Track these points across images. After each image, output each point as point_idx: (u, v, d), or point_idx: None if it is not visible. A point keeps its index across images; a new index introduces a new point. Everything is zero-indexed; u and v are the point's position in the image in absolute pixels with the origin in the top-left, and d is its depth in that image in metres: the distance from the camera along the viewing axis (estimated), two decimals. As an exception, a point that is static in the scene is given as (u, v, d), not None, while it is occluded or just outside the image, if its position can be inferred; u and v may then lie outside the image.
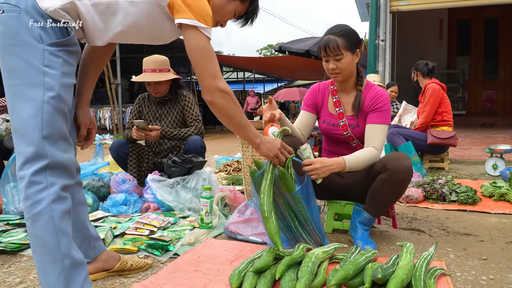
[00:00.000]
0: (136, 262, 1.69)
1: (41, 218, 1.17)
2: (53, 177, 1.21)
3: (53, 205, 1.19)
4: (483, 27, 10.82)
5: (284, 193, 1.80)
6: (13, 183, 2.60)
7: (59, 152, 1.23)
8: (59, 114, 1.24)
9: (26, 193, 1.19)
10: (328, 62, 2.05)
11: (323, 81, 2.29)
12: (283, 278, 1.48)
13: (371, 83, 2.17)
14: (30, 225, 1.19)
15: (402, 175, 1.91)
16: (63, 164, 1.24)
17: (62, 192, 1.22)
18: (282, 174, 1.73)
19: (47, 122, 1.21)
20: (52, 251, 1.18)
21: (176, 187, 2.65)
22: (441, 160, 4.32)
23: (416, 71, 4.36)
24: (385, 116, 2.08)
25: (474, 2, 7.57)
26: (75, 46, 1.30)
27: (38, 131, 1.19)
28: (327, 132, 2.21)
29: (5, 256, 1.90)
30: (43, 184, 1.19)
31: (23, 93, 1.20)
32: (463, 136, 7.25)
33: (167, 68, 3.02)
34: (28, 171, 1.19)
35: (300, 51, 9.04)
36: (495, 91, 11.00)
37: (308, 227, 1.85)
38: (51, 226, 1.18)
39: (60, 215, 1.20)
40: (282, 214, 1.85)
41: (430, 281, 1.49)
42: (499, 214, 2.66)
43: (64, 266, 1.18)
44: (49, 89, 1.21)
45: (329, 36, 2.02)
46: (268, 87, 26.10)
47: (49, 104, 1.21)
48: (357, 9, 10.88)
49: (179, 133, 2.99)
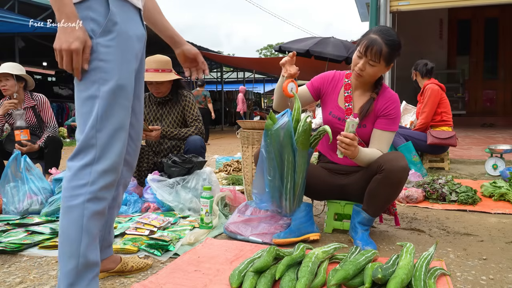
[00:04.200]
0: (137, 263, 1.69)
1: (73, 212, 1.21)
2: (97, 175, 1.23)
3: (87, 203, 1.22)
4: (483, 27, 10.81)
5: (294, 151, 1.87)
6: (13, 183, 2.60)
7: (111, 148, 1.26)
8: (116, 106, 1.26)
9: (67, 184, 1.23)
10: (360, 59, 1.99)
11: (339, 71, 2.23)
12: (283, 278, 1.48)
13: (386, 86, 2.15)
14: (62, 215, 1.24)
15: (398, 175, 1.91)
16: (111, 160, 1.26)
17: (100, 193, 1.24)
18: (307, 130, 1.83)
19: (101, 116, 1.23)
20: (72, 246, 1.21)
21: (176, 187, 2.65)
22: (441, 160, 4.32)
23: (415, 71, 4.37)
24: (395, 123, 2.09)
25: (474, 2, 7.57)
26: (118, 24, 1.27)
27: (92, 125, 1.23)
28: (331, 125, 2.15)
29: (5, 256, 1.90)
30: (85, 181, 1.22)
31: (81, 90, 1.25)
32: (463, 136, 7.24)
33: (169, 69, 3.03)
34: (76, 164, 1.23)
35: (300, 51, 9.02)
36: (495, 91, 10.98)
37: (297, 192, 1.96)
38: (79, 223, 1.21)
39: (90, 215, 1.23)
40: (284, 172, 1.91)
41: (430, 281, 1.49)
42: (499, 214, 2.66)
43: (78, 264, 1.21)
44: (103, 83, 1.23)
45: (377, 38, 1.94)
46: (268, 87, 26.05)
47: (104, 98, 1.23)
48: (357, 9, 10.88)
49: (179, 133, 2.99)
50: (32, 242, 2.00)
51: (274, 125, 1.81)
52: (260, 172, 1.96)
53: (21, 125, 3.17)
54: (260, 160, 1.94)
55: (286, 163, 1.89)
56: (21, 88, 3.34)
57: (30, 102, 3.40)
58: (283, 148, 1.86)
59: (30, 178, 2.63)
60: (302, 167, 1.93)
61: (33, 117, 3.41)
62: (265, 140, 1.88)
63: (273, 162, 1.89)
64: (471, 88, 10.94)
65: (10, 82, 3.24)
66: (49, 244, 1.99)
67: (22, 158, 2.66)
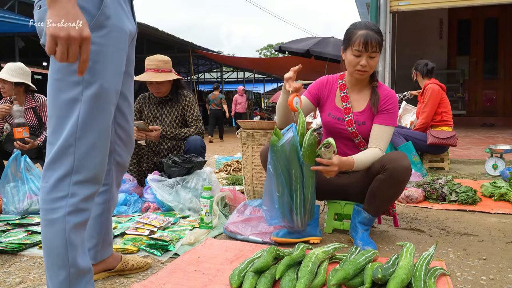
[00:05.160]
0: (137, 262, 1.69)
1: (54, 226, 1.15)
2: (76, 186, 1.15)
3: (68, 217, 1.15)
4: (483, 27, 10.80)
5: (301, 165, 1.85)
6: (13, 183, 2.60)
7: (91, 158, 1.16)
8: (100, 112, 1.15)
9: (46, 197, 1.15)
10: (360, 57, 2.01)
11: (331, 75, 2.27)
12: (283, 278, 1.48)
13: (379, 82, 2.18)
14: (43, 226, 1.17)
15: (402, 175, 1.92)
16: (91, 170, 1.17)
17: (82, 204, 1.17)
18: (313, 143, 1.81)
19: (82, 123, 1.13)
20: (60, 257, 1.16)
21: (176, 187, 2.65)
22: (441, 160, 4.32)
23: (416, 71, 4.38)
24: (394, 118, 2.10)
25: (474, 2, 7.57)
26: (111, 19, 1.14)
27: (71, 132, 1.13)
28: (331, 126, 2.18)
29: (5, 256, 1.90)
30: (64, 193, 1.14)
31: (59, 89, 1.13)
32: (463, 136, 7.24)
33: (169, 69, 3.03)
34: (54, 174, 1.14)
35: (300, 51, 9.03)
36: (495, 91, 10.98)
37: (307, 206, 1.93)
38: (62, 236, 1.15)
39: (72, 227, 1.16)
40: (293, 187, 1.88)
41: (430, 281, 1.49)
42: (499, 214, 2.66)
43: (69, 273, 1.17)
44: (87, 86, 1.12)
45: (369, 31, 1.99)
46: (268, 87, 26.09)
47: (87, 103, 1.12)
48: (357, 9, 10.87)
49: (179, 133, 3.00)
50: (32, 242, 2.00)
51: (279, 141, 1.77)
52: (269, 189, 1.92)
53: (20, 122, 3.16)
54: (267, 177, 1.91)
55: (294, 178, 1.86)
56: (21, 91, 3.34)
57: (31, 103, 3.40)
58: (290, 163, 1.84)
59: (30, 178, 2.63)
60: (310, 181, 1.90)
61: (34, 118, 3.41)
62: (271, 157, 1.85)
63: (280, 178, 1.86)
64: (471, 88, 10.94)
65: (7, 85, 3.25)
66: (49, 244, 1.98)
67: (22, 158, 2.66)
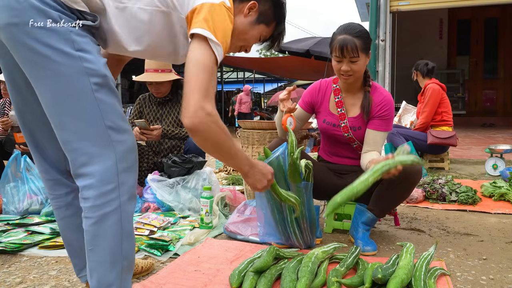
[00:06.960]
0: (144, 264, 1.68)
1: (109, 219, 1.10)
2: (124, 173, 1.12)
3: (124, 206, 1.12)
4: (483, 27, 10.80)
5: (288, 185, 1.80)
6: (13, 183, 2.60)
7: (125, 143, 1.14)
8: (112, 96, 1.14)
9: (95, 192, 1.09)
10: (341, 63, 1.98)
11: (325, 79, 2.25)
12: (283, 278, 1.48)
13: (376, 85, 2.14)
14: (93, 224, 1.10)
15: (414, 177, 1.92)
16: (131, 153, 1.15)
17: (133, 189, 1.15)
18: (294, 164, 1.75)
19: (105, 110, 1.11)
20: (113, 252, 1.12)
21: (176, 187, 2.65)
22: (441, 160, 4.32)
23: (416, 71, 4.38)
24: (389, 124, 2.08)
25: (474, 2, 7.57)
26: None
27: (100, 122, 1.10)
28: (327, 132, 2.18)
29: (5, 256, 1.90)
30: (114, 184, 1.10)
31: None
32: (463, 136, 7.24)
33: (169, 69, 3.03)
34: (97, 168, 1.09)
35: (300, 51, 9.04)
36: (495, 91, 10.98)
37: (303, 225, 1.87)
38: (118, 228, 1.11)
39: (128, 217, 1.14)
40: (282, 207, 1.83)
41: (430, 281, 1.49)
42: (499, 214, 2.66)
43: (122, 267, 1.13)
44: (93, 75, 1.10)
45: (345, 36, 1.93)
46: (268, 87, 26.05)
47: (99, 91, 1.10)
48: (357, 9, 10.86)
49: (180, 132, 3.01)
50: (32, 242, 2.00)
51: (265, 160, 1.72)
52: (259, 206, 1.89)
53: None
54: (257, 195, 1.87)
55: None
56: None
57: None
58: (277, 182, 1.74)
59: (30, 178, 2.63)
60: (299, 201, 1.79)
61: None
62: None
63: (267, 195, 1.80)
64: (471, 88, 10.94)
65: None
66: (49, 244, 1.99)
67: (22, 158, 2.66)
